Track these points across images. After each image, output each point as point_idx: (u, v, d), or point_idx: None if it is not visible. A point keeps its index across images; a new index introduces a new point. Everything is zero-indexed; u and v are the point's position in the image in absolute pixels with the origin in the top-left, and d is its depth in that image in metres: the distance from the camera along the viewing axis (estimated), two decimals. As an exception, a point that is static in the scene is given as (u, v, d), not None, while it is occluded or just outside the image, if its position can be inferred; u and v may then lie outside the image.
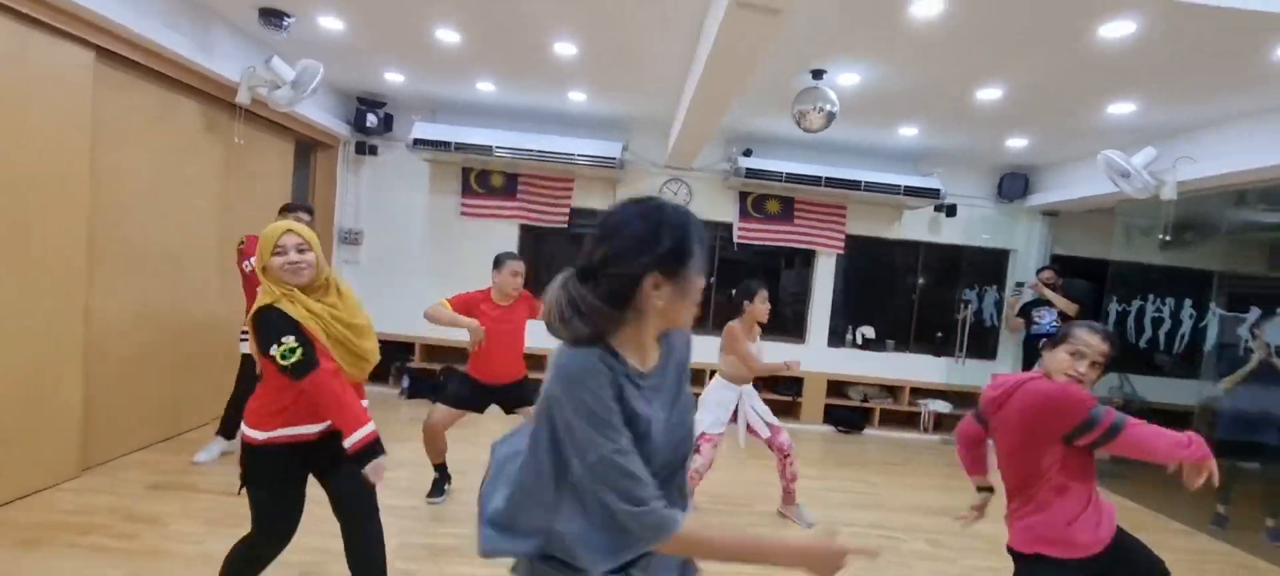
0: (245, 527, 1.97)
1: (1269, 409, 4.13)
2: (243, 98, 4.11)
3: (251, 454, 1.94)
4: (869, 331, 6.40)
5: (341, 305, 2.02)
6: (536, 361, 3.35)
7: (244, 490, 1.96)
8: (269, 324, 1.86)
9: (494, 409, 3.58)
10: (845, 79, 4.00)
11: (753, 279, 3.56)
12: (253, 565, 2.03)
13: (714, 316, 6.36)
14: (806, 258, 6.41)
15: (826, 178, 5.53)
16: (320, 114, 5.27)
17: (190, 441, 3.99)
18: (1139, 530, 2.07)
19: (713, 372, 3.71)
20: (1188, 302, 4.70)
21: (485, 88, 5.05)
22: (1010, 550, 2.00)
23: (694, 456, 3.54)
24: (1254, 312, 4.37)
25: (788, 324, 6.53)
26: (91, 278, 3.34)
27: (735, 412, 3.60)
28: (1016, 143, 5.16)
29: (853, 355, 6.38)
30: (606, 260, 1.04)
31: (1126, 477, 4.99)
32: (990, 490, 2.28)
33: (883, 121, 4.95)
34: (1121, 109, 4.09)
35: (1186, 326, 4.77)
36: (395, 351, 6.01)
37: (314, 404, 1.91)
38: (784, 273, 6.66)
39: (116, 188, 3.51)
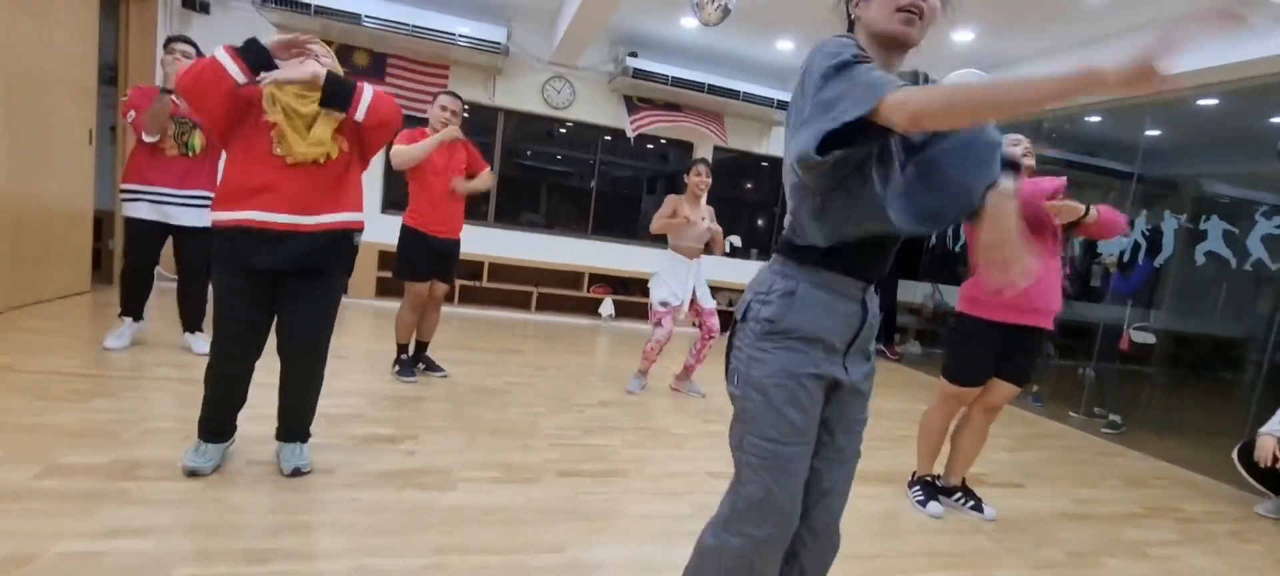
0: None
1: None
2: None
3: (209, 235, 1.96)
4: (736, 240, 6.85)
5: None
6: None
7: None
8: None
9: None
10: (742, -25, 4.12)
11: (696, 160, 3.81)
12: (211, 373, 2.02)
13: (594, 223, 6.43)
14: (672, 180, 6.64)
15: (709, 85, 5.71)
16: (136, -50, 4.36)
17: (-16, 326, 3.30)
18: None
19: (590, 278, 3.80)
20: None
21: (353, -57, 4.49)
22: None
23: (655, 328, 3.62)
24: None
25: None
26: None
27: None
28: (874, 66, 5.70)
29: (721, 263, 6.80)
30: None
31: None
32: None
33: (761, 32, 5.20)
34: (963, 37, 4.67)
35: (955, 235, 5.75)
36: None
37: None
38: (657, 185, 6.85)
39: None
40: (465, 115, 3.41)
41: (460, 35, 5.12)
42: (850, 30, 1.18)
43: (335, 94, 1.90)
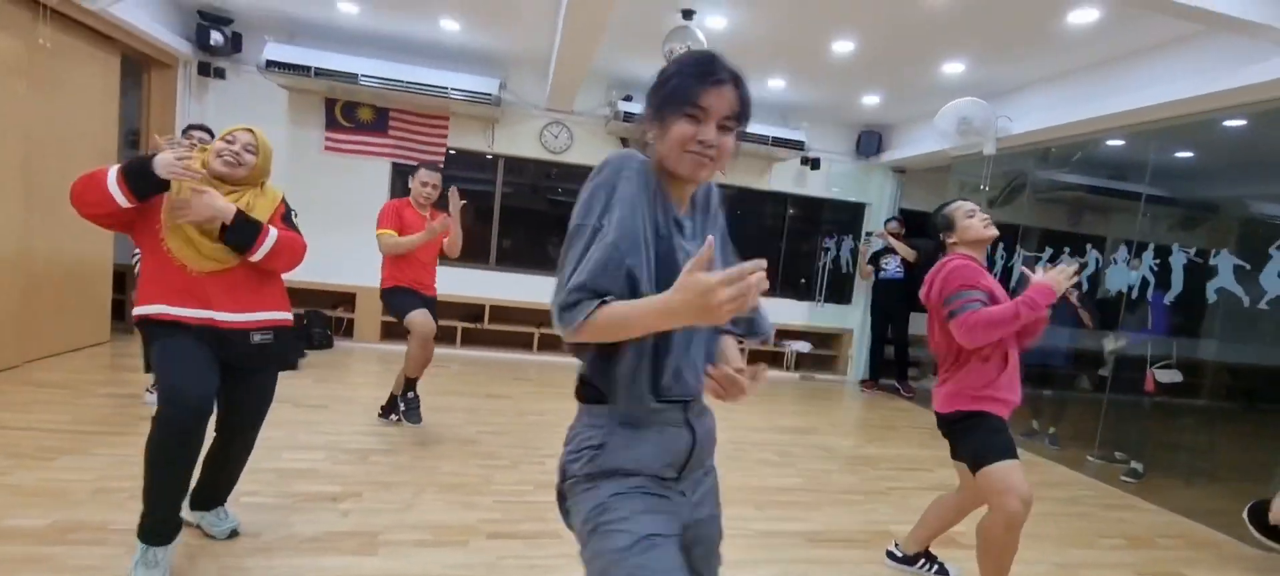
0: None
1: (1056, 342, 4.88)
2: (48, -9, 3.58)
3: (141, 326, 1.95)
4: (740, 277, 6.76)
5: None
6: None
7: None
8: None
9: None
10: (713, 21, 4.14)
11: None
12: (154, 439, 1.79)
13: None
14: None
15: (701, 125, 5.71)
16: (152, 25, 4.70)
17: (-8, 383, 3.53)
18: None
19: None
20: (1001, 248, 5.39)
21: (347, 9, 4.72)
22: (938, 416, 2.18)
23: None
24: (1048, 253, 5.11)
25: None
26: None
27: None
28: (870, 99, 5.61)
29: (725, 300, 6.73)
30: None
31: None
32: None
33: (753, 72, 5.19)
34: (954, 68, 4.55)
35: (997, 270, 5.48)
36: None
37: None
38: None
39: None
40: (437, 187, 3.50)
41: (454, 89, 5.29)
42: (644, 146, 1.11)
43: (240, 234, 1.88)
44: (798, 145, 5.91)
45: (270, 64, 5.00)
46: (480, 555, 2.26)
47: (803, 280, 6.94)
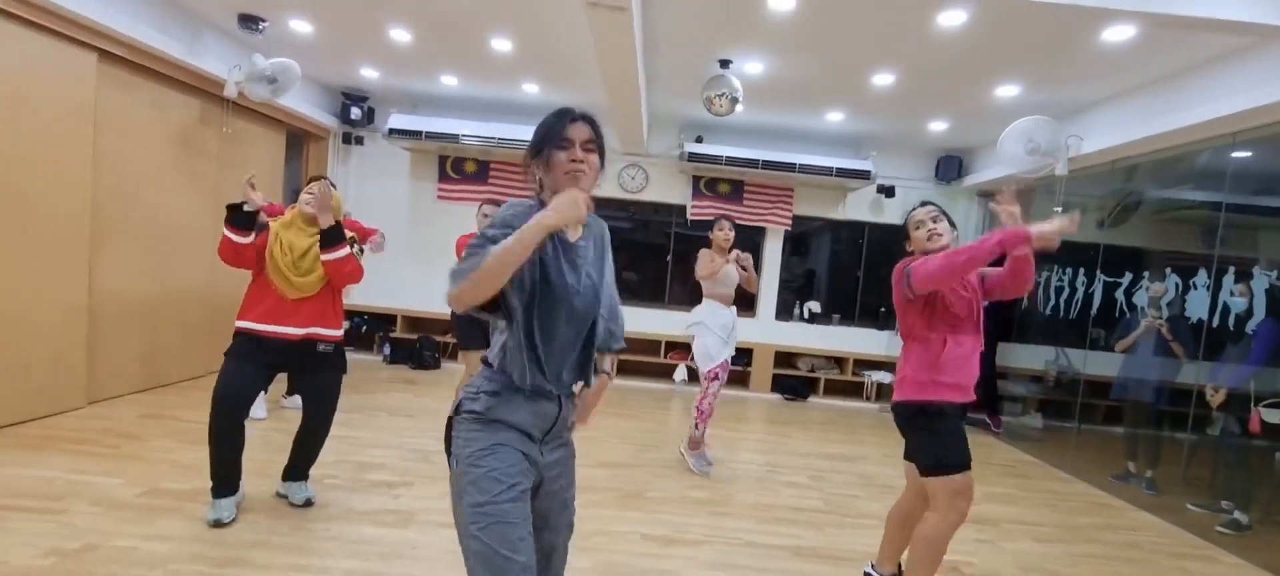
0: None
1: (1148, 371, 4.45)
2: (230, 92, 4.74)
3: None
4: (815, 306, 6.80)
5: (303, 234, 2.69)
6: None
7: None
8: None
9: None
10: (751, 67, 4.44)
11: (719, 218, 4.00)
12: (213, 424, 2.55)
13: (670, 289, 6.86)
14: (754, 236, 6.83)
15: (763, 161, 5.96)
16: (308, 107, 5.91)
17: (179, 388, 4.65)
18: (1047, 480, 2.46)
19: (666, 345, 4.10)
20: (1081, 271, 4.99)
21: (448, 81, 5.62)
22: (893, 407, 2.30)
23: (711, 383, 3.80)
24: (1129, 278, 4.67)
25: (737, 298, 6.96)
26: (94, 248, 3.99)
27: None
28: (938, 126, 5.52)
29: (800, 328, 6.80)
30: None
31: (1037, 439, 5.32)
32: None
33: (811, 108, 5.36)
34: (1007, 91, 4.44)
35: (1080, 293, 5.07)
36: (378, 323, 6.65)
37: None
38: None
39: (117, 172, 4.16)
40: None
41: (537, 141, 6.00)
42: (540, 189, 1.51)
43: (332, 236, 2.67)
44: (865, 175, 5.92)
45: (393, 131, 6.04)
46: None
47: (882, 310, 6.80)
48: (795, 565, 2.79)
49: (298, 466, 2.86)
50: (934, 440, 2.20)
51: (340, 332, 2.79)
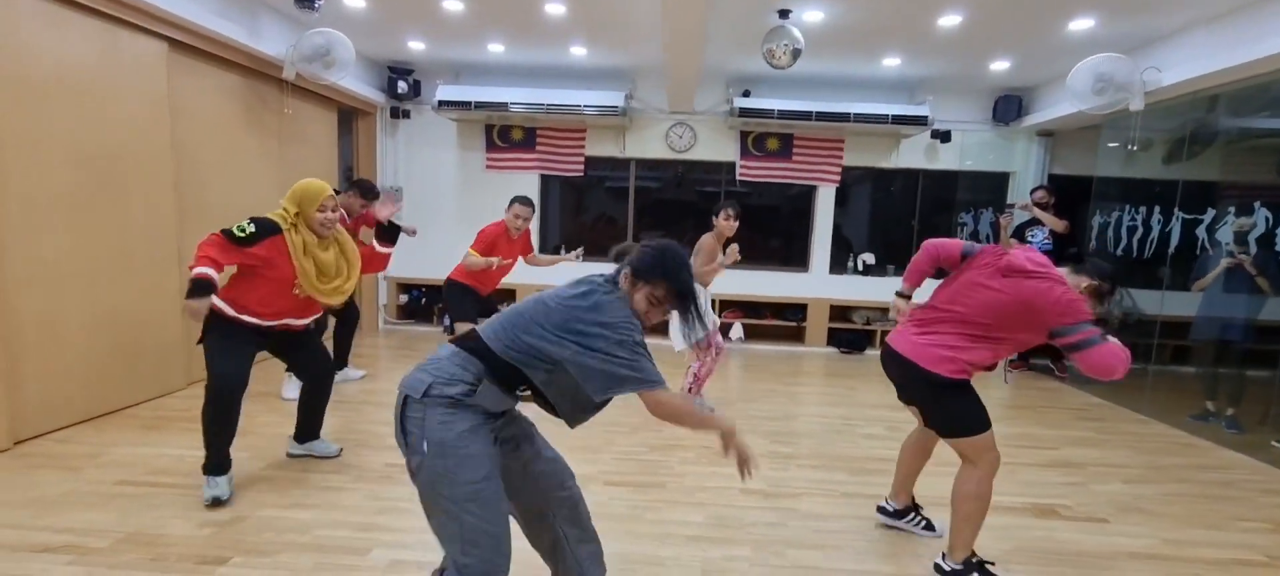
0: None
1: (1234, 309, 4.35)
2: (289, 73, 4.78)
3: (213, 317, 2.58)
4: (870, 258, 6.74)
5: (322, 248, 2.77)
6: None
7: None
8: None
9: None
10: (810, 16, 4.33)
11: (728, 203, 4.04)
12: (207, 407, 2.61)
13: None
14: (806, 191, 6.76)
15: (817, 112, 5.85)
16: (357, 84, 5.93)
17: (273, 365, 4.82)
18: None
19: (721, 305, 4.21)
20: (1157, 209, 4.86)
21: (496, 49, 5.58)
22: (920, 371, 2.26)
23: (706, 352, 3.97)
24: (1211, 214, 4.53)
25: (790, 254, 6.95)
26: (181, 230, 4.13)
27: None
28: (999, 66, 5.35)
29: (854, 281, 6.76)
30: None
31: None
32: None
33: (866, 54, 5.23)
34: (1081, 25, 4.27)
35: (1155, 232, 4.93)
36: (434, 295, 6.78)
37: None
38: (779, 213, 7.03)
39: (192, 158, 4.26)
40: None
41: (586, 106, 5.98)
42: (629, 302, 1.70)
43: (390, 232, 3.05)
44: (922, 121, 5.79)
45: (441, 103, 6.04)
46: (593, 497, 2.81)
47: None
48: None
49: (310, 427, 3.11)
50: (966, 408, 2.26)
51: (320, 312, 2.99)
